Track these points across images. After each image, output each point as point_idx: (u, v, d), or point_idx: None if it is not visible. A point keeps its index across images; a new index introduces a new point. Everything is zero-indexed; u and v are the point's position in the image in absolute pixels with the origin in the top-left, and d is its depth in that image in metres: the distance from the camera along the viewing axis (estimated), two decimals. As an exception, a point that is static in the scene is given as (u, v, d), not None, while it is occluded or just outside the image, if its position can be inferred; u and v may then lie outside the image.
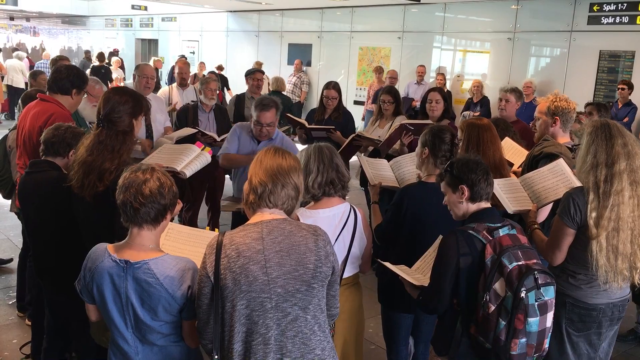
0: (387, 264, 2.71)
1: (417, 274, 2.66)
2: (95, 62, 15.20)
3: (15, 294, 4.64)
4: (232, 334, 1.97)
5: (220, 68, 14.17)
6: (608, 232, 2.60)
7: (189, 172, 2.99)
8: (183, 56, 13.55)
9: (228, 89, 13.38)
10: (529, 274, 2.20)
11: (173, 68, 12.97)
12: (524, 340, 2.21)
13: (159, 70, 13.97)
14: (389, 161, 3.83)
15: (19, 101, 4.74)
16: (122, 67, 15.77)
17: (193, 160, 3.08)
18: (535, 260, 2.29)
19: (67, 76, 3.80)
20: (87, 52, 19.02)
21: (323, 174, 2.78)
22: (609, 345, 2.92)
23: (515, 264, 2.23)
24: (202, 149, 3.13)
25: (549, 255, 2.79)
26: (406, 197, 3.04)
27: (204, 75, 12.01)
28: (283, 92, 7.97)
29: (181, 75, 6.83)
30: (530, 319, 2.19)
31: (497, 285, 2.23)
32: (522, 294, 2.17)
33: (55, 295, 3.14)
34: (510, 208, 3.02)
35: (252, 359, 1.95)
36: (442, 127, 3.22)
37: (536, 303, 2.20)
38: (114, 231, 2.51)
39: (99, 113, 2.75)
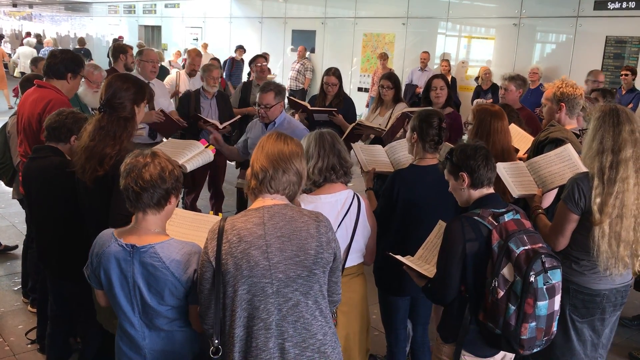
0: (399, 257, 2.70)
1: (423, 263, 2.64)
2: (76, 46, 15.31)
3: (20, 280, 4.67)
4: (234, 319, 1.97)
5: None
6: (612, 219, 2.60)
7: (189, 167, 3.01)
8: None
9: None
10: (537, 258, 2.20)
11: (232, 61, 12.58)
12: (533, 324, 2.21)
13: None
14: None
15: (18, 86, 4.73)
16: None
17: (195, 156, 3.11)
18: (540, 244, 2.29)
19: (61, 61, 3.77)
20: (38, 36, 19.04)
21: (324, 159, 2.74)
22: (610, 331, 2.93)
23: (522, 248, 2.23)
24: (206, 147, 3.15)
25: (552, 240, 2.78)
26: (397, 181, 3.04)
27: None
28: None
29: (192, 65, 6.79)
30: (539, 303, 2.19)
31: (506, 271, 2.23)
32: (532, 278, 2.17)
33: (59, 281, 3.16)
34: (515, 192, 3.01)
35: (254, 344, 1.96)
36: (430, 111, 3.20)
37: (544, 286, 2.20)
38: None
39: (101, 98, 2.74)
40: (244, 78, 12.51)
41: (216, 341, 2.01)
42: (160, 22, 18.80)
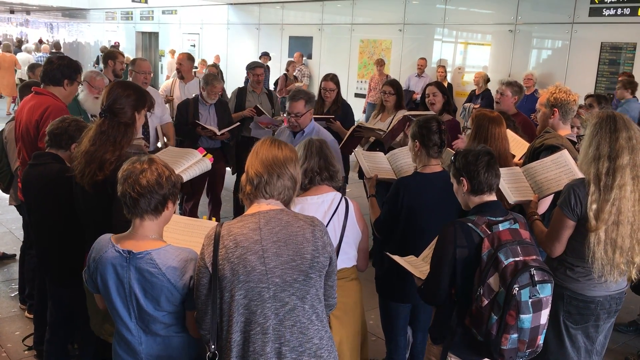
0: (395, 257, 2.71)
1: (424, 264, 2.67)
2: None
3: (17, 286, 4.66)
4: (231, 324, 1.98)
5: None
6: (607, 225, 2.59)
7: (186, 177, 3.01)
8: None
9: None
10: (525, 270, 2.19)
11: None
12: (515, 335, 2.20)
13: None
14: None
15: (17, 92, 4.73)
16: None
17: (192, 165, 3.11)
18: (534, 257, 2.28)
19: (57, 67, 3.78)
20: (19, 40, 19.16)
21: (309, 161, 2.80)
22: (605, 338, 2.92)
23: (511, 259, 2.22)
24: (204, 155, 3.15)
25: (548, 246, 2.79)
26: (401, 188, 3.05)
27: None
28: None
29: (179, 69, 6.70)
30: (522, 316, 2.18)
31: (492, 280, 2.23)
32: (515, 291, 2.16)
33: (58, 287, 3.17)
34: (512, 198, 3.02)
35: (251, 349, 1.97)
36: (428, 117, 3.22)
37: (530, 300, 2.19)
38: (110, 221, 2.52)
39: (103, 104, 2.77)
40: (271, 86, 12.31)
41: (213, 346, 2.02)
42: (158, 29, 18.84)
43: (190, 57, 6.76)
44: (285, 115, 4.30)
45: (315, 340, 2.03)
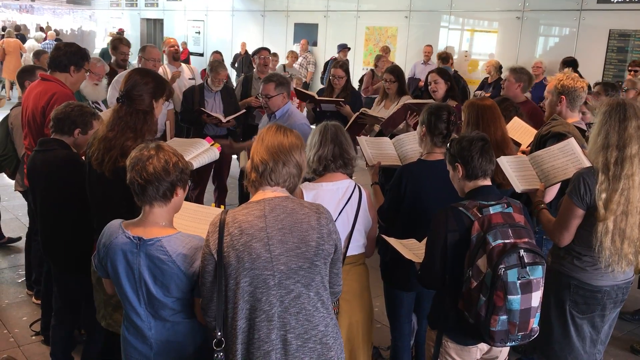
0: (390, 240, 2.74)
1: (423, 248, 2.68)
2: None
3: (24, 272, 4.69)
4: (236, 311, 1.99)
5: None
6: (616, 215, 2.57)
7: (196, 164, 3.04)
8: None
9: None
10: (513, 252, 2.19)
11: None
12: (504, 317, 2.20)
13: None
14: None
15: (16, 78, 4.72)
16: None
17: (201, 153, 3.12)
18: (526, 240, 2.27)
19: (64, 53, 3.77)
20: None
21: (324, 148, 2.81)
22: (609, 328, 2.92)
23: (499, 241, 2.22)
24: (212, 144, 3.16)
25: (556, 235, 2.77)
26: (405, 175, 3.04)
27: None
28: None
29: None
30: (510, 297, 2.17)
31: (480, 262, 2.24)
32: (501, 272, 2.16)
33: (63, 274, 3.18)
34: (519, 187, 3.00)
35: (256, 336, 1.98)
36: (441, 105, 3.19)
37: (518, 281, 2.18)
38: (133, 209, 2.52)
39: (121, 90, 2.76)
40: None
41: (219, 333, 2.02)
42: (163, 16, 18.74)
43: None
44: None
45: (320, 327, 2.04)
